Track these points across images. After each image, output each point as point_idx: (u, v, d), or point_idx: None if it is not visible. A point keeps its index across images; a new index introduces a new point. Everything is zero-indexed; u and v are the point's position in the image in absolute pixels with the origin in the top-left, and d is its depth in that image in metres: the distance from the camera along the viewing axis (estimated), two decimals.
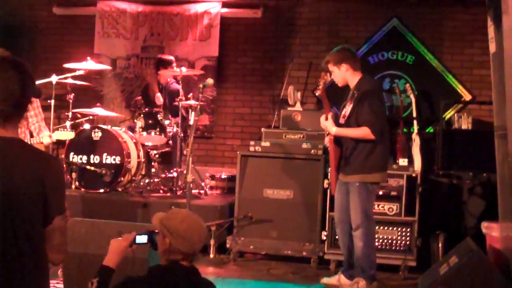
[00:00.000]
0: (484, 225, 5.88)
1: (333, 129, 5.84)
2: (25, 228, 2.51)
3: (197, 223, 3.17)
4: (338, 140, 5.91)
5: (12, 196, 2.49)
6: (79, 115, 8.09)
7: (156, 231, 3.23)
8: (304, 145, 7.13)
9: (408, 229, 6.76)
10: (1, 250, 2.47)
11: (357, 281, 5.79)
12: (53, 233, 2.59)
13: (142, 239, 3.32)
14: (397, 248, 6.76)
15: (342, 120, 5.92)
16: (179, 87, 7.99)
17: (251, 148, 7.27)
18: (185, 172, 7.10)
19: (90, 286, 3.12)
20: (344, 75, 5.92)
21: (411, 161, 7.15)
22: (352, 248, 5.91)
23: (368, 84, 5.92)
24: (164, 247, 3.11)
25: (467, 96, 8.41)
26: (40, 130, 6.00)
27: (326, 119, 5.87)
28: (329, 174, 6.71)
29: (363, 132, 5.69)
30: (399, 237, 6.77)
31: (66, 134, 6.40)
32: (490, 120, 8.05)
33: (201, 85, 6.79)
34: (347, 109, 5.88)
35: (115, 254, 3.24)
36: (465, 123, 7.89)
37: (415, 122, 7.70)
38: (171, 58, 8.49)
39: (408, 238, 6.76)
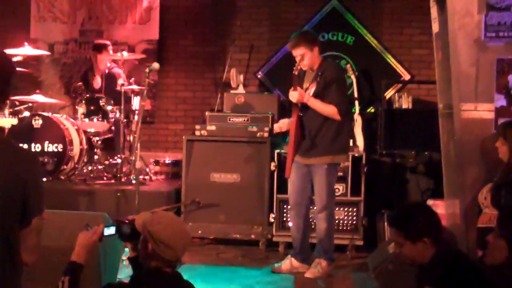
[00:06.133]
0: (430, 203, 5.98)
1: (307, 97, 5.70)
2: (3, 230, 2.42)
3: (181, 229, 3.03)
4: (300, 123, 5.80)
5: None
6: (17, 103, 7.86)
7: (126, 220, 3.12)
8: (250, 128, 7.11)
9: (355, 209, 6.84)
10: None
11: (319, 262, 5.81)
12: (29, 233, 2.48)
13: (110, 231, 3.15)
14: (344, 228, 6.84)
15: None
16: (121, 71, 7.86)
17: (197, 133, 7.20)
18: (133, 158, 6.99)
19: (61, 285, 2.92)
20: (315, 58, 5.79)
21: (354, 142, 7.21)
22: (307, 231, 5.95)
23: (333, 67, 5.87)
24: (146, 253, 2.95)
25: (406, 76, 8.54)
26: None
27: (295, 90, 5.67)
28: (276, 156, 6.79)
29: (332, 110, 5.66)
30: (346, 217, 6.85)
31: (8, 121, 6.22)
32: (428, 99, 8.23)
33: (147, 70, 6.60)
34: (310, 91, 5.78)
35: (85, 248, 3.05)
36: (406, 103, 7.97)
37: (356, 102, 7.73)
38: (107, 42, 8.34)
39: (354, 218, 6.84)
